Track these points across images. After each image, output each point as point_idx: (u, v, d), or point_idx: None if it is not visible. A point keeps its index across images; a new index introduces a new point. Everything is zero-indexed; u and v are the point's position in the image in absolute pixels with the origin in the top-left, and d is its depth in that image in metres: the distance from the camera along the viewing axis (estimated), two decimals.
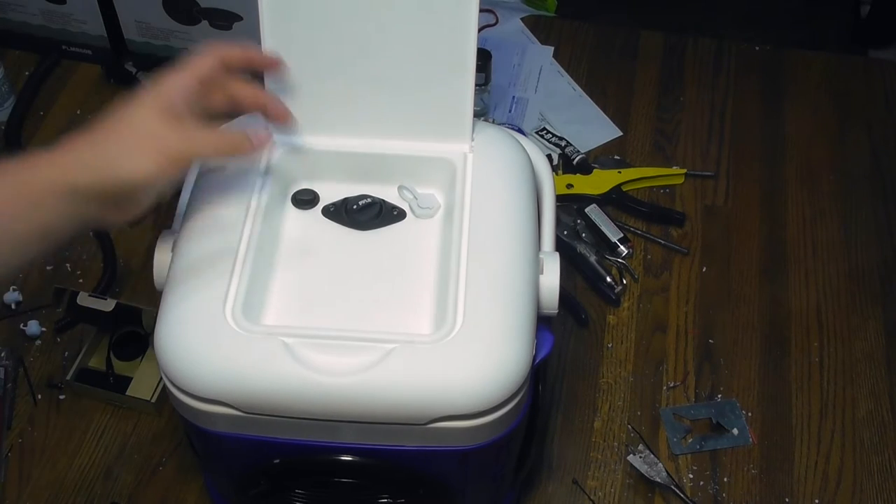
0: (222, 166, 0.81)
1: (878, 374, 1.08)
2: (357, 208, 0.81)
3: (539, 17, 1.45)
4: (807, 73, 1.38)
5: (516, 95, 1.34)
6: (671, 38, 1.42)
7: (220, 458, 0.82)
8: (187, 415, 0.74)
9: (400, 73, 0.80)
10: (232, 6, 1.22)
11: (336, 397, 0.70)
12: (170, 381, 0.73)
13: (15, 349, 1.06)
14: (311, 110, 0.82)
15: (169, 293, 0.74)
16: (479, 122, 0.84)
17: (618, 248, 1.16)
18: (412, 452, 0.74)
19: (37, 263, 1.14)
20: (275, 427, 0.73)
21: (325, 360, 0.70)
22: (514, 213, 0.79)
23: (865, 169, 1.28)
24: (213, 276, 0.74)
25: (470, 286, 0.73)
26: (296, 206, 0.82)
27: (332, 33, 0.79)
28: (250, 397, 0.71)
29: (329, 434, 0.73)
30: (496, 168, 0.81)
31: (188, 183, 0.83)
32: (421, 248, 0.79)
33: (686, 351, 1.09)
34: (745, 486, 1.00)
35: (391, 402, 0.70)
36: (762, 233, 1.20)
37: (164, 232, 0.80)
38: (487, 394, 0.70)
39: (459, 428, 0.72)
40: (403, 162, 0.82)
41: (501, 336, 0.72)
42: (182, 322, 0.72)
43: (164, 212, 1.19)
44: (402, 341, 0.70)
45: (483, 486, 0.84)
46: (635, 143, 1.29)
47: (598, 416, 1.04)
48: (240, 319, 0.71)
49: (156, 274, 0.78)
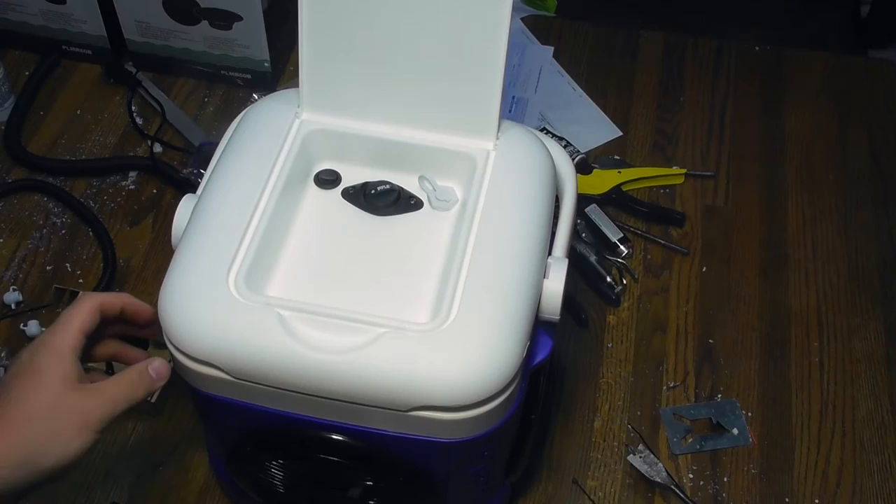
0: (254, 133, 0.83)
1: (878, 374, 1.08)
2: (375, 193, 0.82)
3: (539, 17, 1.45)
4: (807, 74, 1.38)
5: (516, 95, 1.34)
6: (671, 38, 1.42)
7: (212, 421, 0.85)
8: (183, 374, 0.77)
9: (431, 64, 0.81)
10: (232, 6, 1.22)
11: (321, 373, 0.71)
12: (168, 338, 0.75)
13: (15, 349, 1.06)
14: (342, 92, 0.83)
15: (179, 254, 0.76)
16: (507, 121, 0.84)
17: (618, 248, 1.16)
18: (393, 438, 0.75)
19: (37, 263, 1.14)
20: (262, 395, 0.74)
21: (316, 335, 0.71)
22: (527, 214, 0.79)
23: (865, 169, 1.28)
24: (222, 242, 0.75)
25: (469, 281, 0.74)
26: (317, 186, 0.83)
27: (368, 19, 0.80)
28: (240, 363, 0.72)
29: (314, 410, 0.74)
30: (517, 168, 0.82)
31: (217, 150, 0.85)
32: (432, 240, 0.80)
33: (686, 351, 1.09)
34: (745, 486, 1.00)
35: (373, 385, 0.71)
36: (762, 233, 1.20)
37: (188, 195, 0.82)
38: (470, 388, 0.71)
39: (440, 419, 0.72)
40: (427, 153, 0.83)
41: (492, 333, 0.72)
42: (186, 283, 0.74)
43: (164, 212, 1.20)
44: (394, 327, 0.71)
45: (467, 482, 0.84)
46: (635, 143, 1.29)
47: (598, 416, 1.04)
48: (241, 287, 0.73)
49: (173, 234, 0.80)
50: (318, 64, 0.83)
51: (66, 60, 1.35)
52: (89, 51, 1.33)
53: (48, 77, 1.33)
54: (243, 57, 1.28)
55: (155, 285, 1.10)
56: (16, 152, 1.24)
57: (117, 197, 1.21)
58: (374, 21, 0.81)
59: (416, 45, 0.81)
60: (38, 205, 1.20)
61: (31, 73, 1.32)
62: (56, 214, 1.19)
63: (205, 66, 1.31)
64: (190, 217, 0.79)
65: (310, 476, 0.84)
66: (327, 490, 0.85)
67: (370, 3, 0.80)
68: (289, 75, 1.33)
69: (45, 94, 1.31)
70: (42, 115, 1.29)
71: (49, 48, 1.33)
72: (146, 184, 1.22)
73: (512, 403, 0.77)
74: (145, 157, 1.23)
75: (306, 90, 0.84)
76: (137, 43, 1.30)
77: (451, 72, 0.81)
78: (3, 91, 1.27)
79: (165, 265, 0.76)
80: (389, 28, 0.81)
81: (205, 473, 0.99)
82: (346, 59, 0.82)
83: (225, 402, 0.77)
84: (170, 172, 1.21)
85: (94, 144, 1.26)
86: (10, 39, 1.34)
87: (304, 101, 0.84)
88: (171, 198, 1.21)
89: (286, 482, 0.85)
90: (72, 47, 1.33)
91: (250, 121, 0.85)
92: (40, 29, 1.32)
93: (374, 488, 0.83)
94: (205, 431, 0.96)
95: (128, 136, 1.27)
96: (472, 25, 0.79)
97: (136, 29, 1.28)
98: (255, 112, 0.85)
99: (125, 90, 1.32)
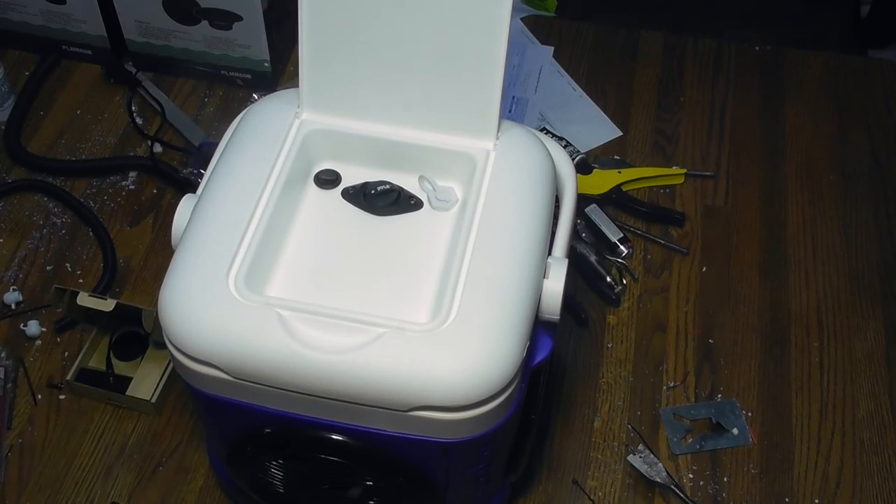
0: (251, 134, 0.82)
1: (878, 374, 1.08)
2: (375, 193, 0.82)
3: (539, 17, 1.45)
4: (807, 73, 1.38)
5: (516, 95, 1.34)
6: (671, 38, 1.42)
7: (212, 420, 0.85)
8: (183, 374, 0.77)
9: (431, 64, 0.81)
10: (232, 6, 1.22)
11: (321, 373, 0.71)
12: (168, 338, 0.75)
13: (15, 349, 1.06)
14: (342, 92, 0.83)
15: (179, 254, 0.76)
16: (507, 121, 0.84)
17: (618, 248, 1.16)
18: (393, 438, 0.75)
19: (37, 263, 1.14)
20: (262, 395, 0.74)
21: (316, 335, 0.71)
22: (527, 214, 0.79)
23: (865, 169, 1.28)
24: (222, 243, 0.76)
25: (469, 281, 0.74)
26: (317, 186, 0.84)
27: (368, 19, 0.81)
28: (240, 363, 0.72)
29: (314, 410, 0.75)
30: (516, 168, 0.82)
31: (218, 150, 0.85)
32: (432, 240, 0.80)
33: (686, 351, 1.09)
34: (745, 486, 1.00)
35: (373, 386, 0.71)
36: (762, 233, 1.20)
37: (188, 195, 0.82)
38: (469, 389, 0.71)
39: (439, 419, 0.72)
40: (426, 153, 0.83)
41: (491, 334, 0.72)
42: (186, 283, 0.74)
43: (164, 212, 1.20)
44: (394, 327, 0.72)
45: (466, 482, 0.85)
46: (635, 143, 1.29)
47: (598, 416, 1.04)
48: (241, 287, 0.73)
49: (173, 234, 0.80)
50: (318, 64, 0.83)
51: (66, 60, 1.35)
52: (89, 51, 1.33)
53: (48, 77, 1.33)
54: (243, 57, 1.28)
55: (155, 285, 1.10)
56: (16, 152, 1.24)
57: (117, 197, 1.21)
58: (374, 21, 0.81)
59: (416, 45, 0.81)
60: (38, 205, 1.20)
61: (31, 73, 1.32)
62: (56, 214, 1.19)
63: (205, 66, 1.31)
64: (190, 217, 0.79)
65: (310, 476, 0.84)
66: (327, 490, 0.85)
67: (370, 4, 0.80)
68: (289, 75, 1.33)
69: (45, 94, 1.31)
70: (42, 115, 1.29)
71: (49, 48, 1.33)
72: (146, 184, 1.22)
73: (512, 403, 0.77)
74: (145, 157, 1.23)
75: (306, 90, 0.84)
76: (137, 43, 1.30)
77: (451, 72, 0.81)
78: (3, 91, 1.27)
79: (165, 265, 0.77)
80: (389, 28, 0.81)
81: (205, 473, 0.99)
82: (345, 59, 0.82)
83: (225, 402, 0.77)
84: (170, 172, 1.21)
85: (94, 144, 1.26)
86: (10, 39, 1.35)
87: (304, 101, 0.84)
88: (171, 198, 1.21)
89: (286, 482, 0.85)
90: (72, 47, 1.33)
91: (250, 121, 0.85)
92: (40, 29, 1.32)
93: (374, 488, 0.83)
94: (205, 431, 0.96)
95: (128, 136, 1.27)
96: (472, 25, 0.79)
97: (136, 29, 1.28)
98: (255, 112, 0.86)
99: (125, 90, 1.32)
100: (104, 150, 1.26)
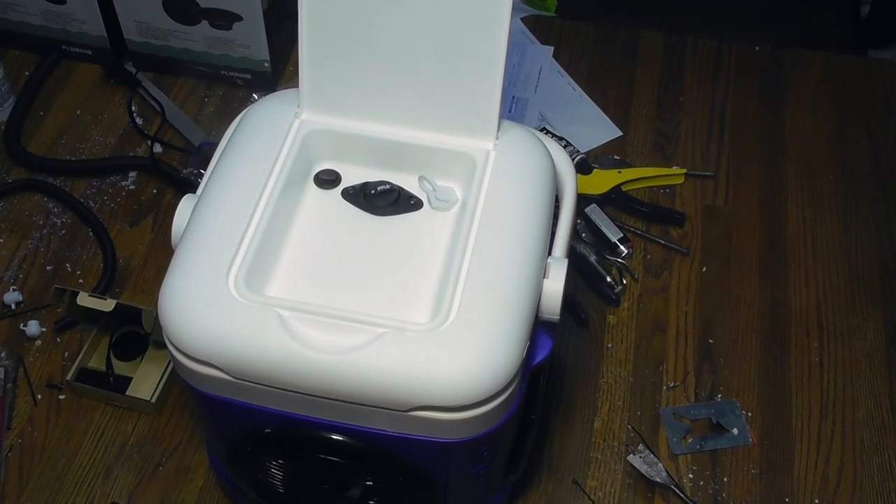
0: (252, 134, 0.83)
1: (878, 374, 1.08)
2: (375, 193, 0.82)
3: (539, 17, 1.45)
4: (807, 73, 1.38)
5: (516, 95, 1.34)
6: (671, 38, 1.42)
7: (212, 420, 0.85)
8: (183, 374, 0.77)
9: (431, 64, 0.81)
10: (232, 6, 1.22)
11: (321, 373, 0.71)
12: (168, 338, 0.75)
13: (15, 349, 1.06)
14: (342, 92, 0.83)
15: (179, 254, 0.76)
16: (507, 121, 0.84)
17: (618, 248, 1.16)
18: (393, 438, 0.75)
19: (37, 263, 1.14)
20: (262, 395, 0.74)
21: (316, 335, 0.71)
22: (527, 214, 0.79)
23: (865, 169, 1.28)
24: (222, 243, 0.75)
25: (469, 281, 0.74)
26: (317, 186, 0.84)
27: (368, 19, 0.81)
28: (240, 363, 0.72)
29: (314, 410, 0.75)
30: (516, 168, 0.82)
31: (217, 150, 0.85)
32: (432, 240, 0.80)
33: (686, 351, 1.09)
34: (745, 486, 1.00)
35: (373, 386, 0.71)
36: (762, 233, 1.20)
37: (188, 195, 0.82)
38: (469, 388, 0.71)
39: (439, 419, 0.72)
40: (426, 153, 0.83)
41: (491, 334, 0.72)
42: (186, 283, 0.74)
43: (164, 212, 1.20)
44: (394, 327, 0.72)
45: (466, 482, 0.84)
46: (635, 143, 1.29)
47: (598, 416, 1.04)
48: (241, 287, 0.73)
49: (173, 234, 0.80)
50: (318, 64, 0.83)
51: (66, 60, 1.35)
52: (89, 51, 1.33)
53: (48, 77, 1.33)
54: (243, 57, 1.28)
55: (155, 285, 1.10)
56: (16, 152, 1.24)
57: (117, 197, 1.21)
58: (374, 21, 0.81)
59: (415, 46, 0.81)
60: (38, 205, 1.20)
61: (31, 73, 1.32)
62: (56, 214, 1.19)
63: (205, 66, 1.31)
64: (190, 217, 0.79)
65: (310, 476, 0.84)
66: (327, 490, 0.85)
67: (370, 4, 0.80)
68: (289, 75, 1.33)
69: (45, 94, 1.31)
70: (42, 115, 1.29)
71: (49, 48, 1.33)
72: (146, 184, 1.22)
73: (512, 403, 0.77)
74: (145, 157, 1.23)
75: (306, 90, 0.84)
76: (137, 43, 1.30)
77: (451, 72, 0.81)
78: (3, 91, 1.27)
79: (165, 265, 0.77)
80: (389, 28, 0.81)
81: (205, 473, 0.99)
82: (345, 59, 0.82)
83: (225, 401, 0.77)
84: (170, 172, 1.21)
85: (94, 144, 1.26)
86: (10, 39, 1.35)
87: (304, 101, 0.84)
88: (171, 198, 1.21)
89: (286, 482, 0.85)
90: (72, 47, 1.33)
91: (250, 121, 0.85)
92: (40, 29, 1.32)
93: (374, 488, 0.83)
94: (205, 431, 0.96)
95: (128, 136, 1.27)
96: (472, 25, 0.79)
97: (136, 29, 1.28)
98: (255, 112, 0.86)
99: (125, 90, 1.32)
100: (104, 150, 1.26)
